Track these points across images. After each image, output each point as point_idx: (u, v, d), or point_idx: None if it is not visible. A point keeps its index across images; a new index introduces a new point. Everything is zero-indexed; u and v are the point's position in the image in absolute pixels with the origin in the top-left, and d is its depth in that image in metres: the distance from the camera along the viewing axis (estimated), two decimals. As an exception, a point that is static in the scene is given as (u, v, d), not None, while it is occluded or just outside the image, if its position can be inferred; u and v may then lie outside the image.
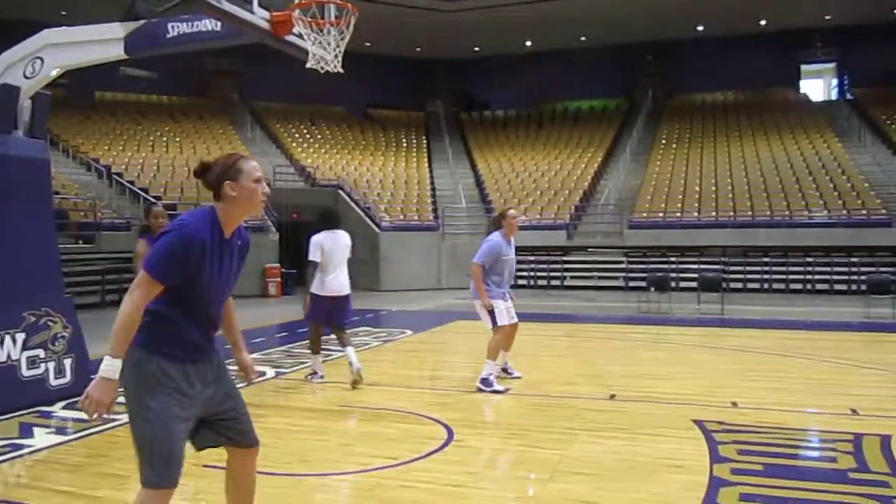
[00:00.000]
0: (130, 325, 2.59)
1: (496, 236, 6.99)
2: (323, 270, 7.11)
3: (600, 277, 19.88)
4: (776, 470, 4.53)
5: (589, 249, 20.41)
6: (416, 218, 22.33)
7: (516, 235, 7.10)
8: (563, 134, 28.57)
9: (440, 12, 25.99)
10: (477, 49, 30.47)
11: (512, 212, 7.16)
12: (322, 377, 7.54)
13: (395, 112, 31.38)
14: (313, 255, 7.07)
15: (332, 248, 7.14)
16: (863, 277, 16.18)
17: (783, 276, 18.68)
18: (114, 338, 2.58)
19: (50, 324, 6.33)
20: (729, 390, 6.91)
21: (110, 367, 2.57)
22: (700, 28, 27.69)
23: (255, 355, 8.94)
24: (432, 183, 25.15)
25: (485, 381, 6.85)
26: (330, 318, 7.33)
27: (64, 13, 20.77)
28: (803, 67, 29.67)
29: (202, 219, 2.72)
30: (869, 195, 19.82)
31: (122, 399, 2.69)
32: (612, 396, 6.69)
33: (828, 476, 4.47)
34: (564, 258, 20.37)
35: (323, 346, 7.75)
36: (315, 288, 7.16)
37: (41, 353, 6.36)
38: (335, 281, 7.16)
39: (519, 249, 7.66)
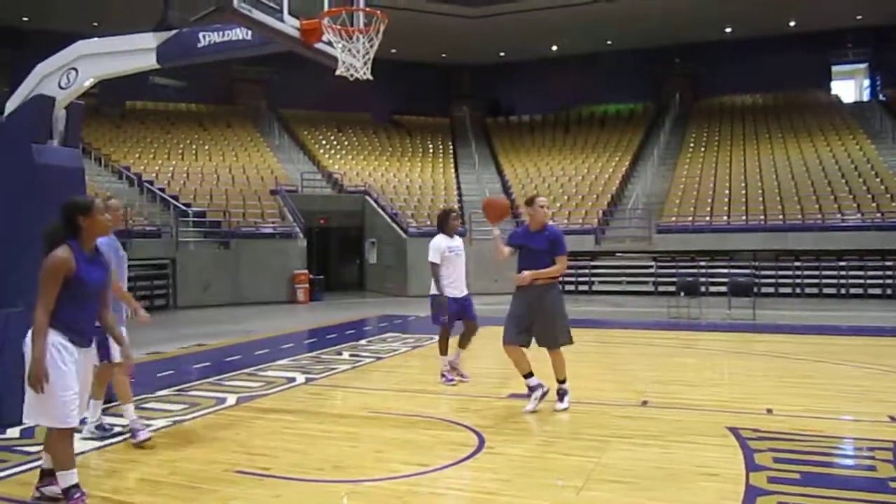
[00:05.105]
0: None
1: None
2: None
3: (629, 282, 19.76)
4: (814, 478, 4.45)
5: (617, 254, 20.28)
6: (443, 223, 22.28)
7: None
8: (590, 138, 28.41)
9: (465, 18, 26.03)
10: (502, 54, 30.45)
11: (113, 201, 5.56)
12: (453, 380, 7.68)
13: (421, 118, 31.48)
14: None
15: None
16: (898, 281, 15.89)
17: (816, 281, 18.41)
18: None
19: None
20: (763, 397, 6.79)
21: None
22: (728, 29, 27.41)
23: (283, 361, 8.98)
24: (459, 188, 25.14)
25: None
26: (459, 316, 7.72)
27: (96, 24, 21.12)
28: (834, 68, 29.27)
29: None
30: (903, 197, 19.47)
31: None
32: (644, 403, 6.62)
33: (866, 485, 4.38)
34: (592, 263, 20.25)
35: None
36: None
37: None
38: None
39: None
